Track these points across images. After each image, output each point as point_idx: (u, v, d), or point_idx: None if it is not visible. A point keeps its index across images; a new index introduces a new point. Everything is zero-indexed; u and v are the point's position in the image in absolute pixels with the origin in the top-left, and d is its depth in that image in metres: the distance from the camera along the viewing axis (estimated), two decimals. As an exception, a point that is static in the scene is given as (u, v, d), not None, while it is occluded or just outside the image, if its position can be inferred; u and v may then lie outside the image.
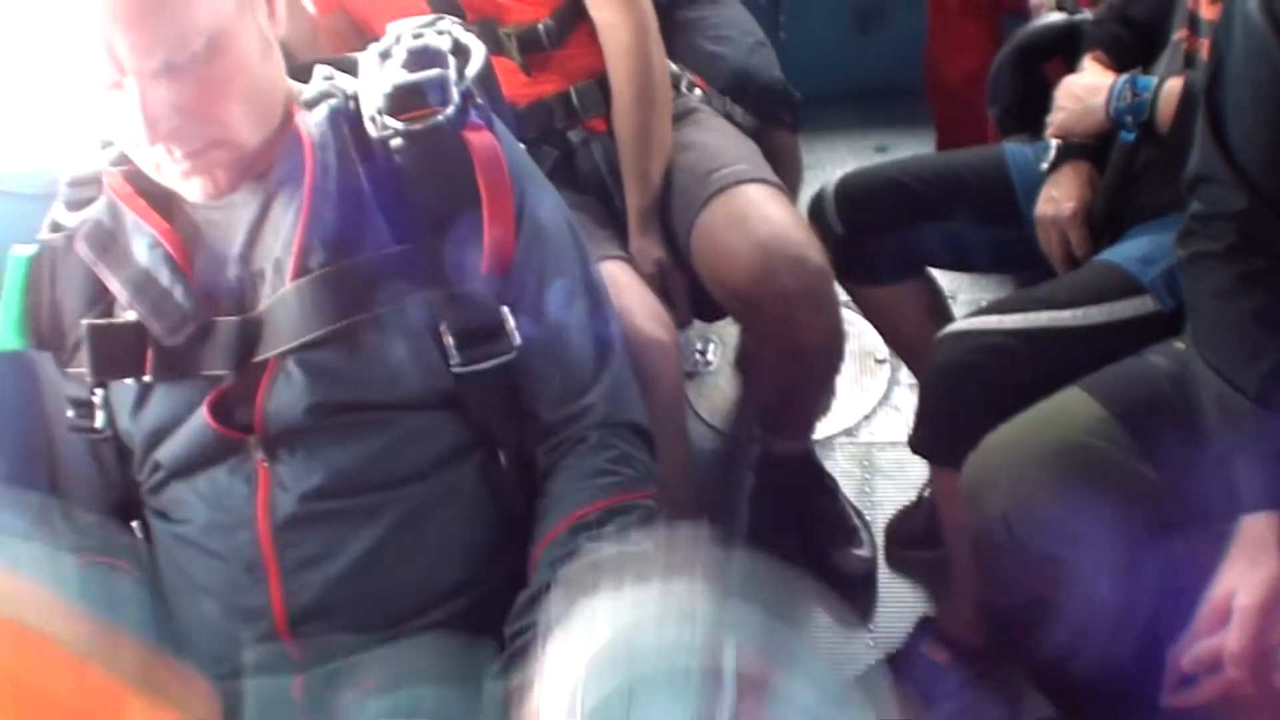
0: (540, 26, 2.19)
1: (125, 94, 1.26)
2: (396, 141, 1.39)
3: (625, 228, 2.25)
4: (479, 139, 1.43)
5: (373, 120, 1.42)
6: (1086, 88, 2.12)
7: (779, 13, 4.08)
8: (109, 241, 1.44)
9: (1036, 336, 1.89)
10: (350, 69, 1.53)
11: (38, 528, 1.45)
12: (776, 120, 2.53)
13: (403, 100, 1.42)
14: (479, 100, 1.48)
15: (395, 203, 1.41)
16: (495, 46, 2.16)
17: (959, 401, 1.94)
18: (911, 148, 3.98)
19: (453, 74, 1.44)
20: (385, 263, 1.38)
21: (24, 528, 1.38)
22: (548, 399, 1.47)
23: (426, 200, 1.41)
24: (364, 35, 2.24)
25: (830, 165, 4.05)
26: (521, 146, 1.63)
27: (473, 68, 1.48)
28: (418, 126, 1.38)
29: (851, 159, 4.13)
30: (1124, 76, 2.06)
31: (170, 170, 1.33)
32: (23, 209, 1.69)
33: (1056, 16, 2.54)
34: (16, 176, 1.82)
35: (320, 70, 1.53)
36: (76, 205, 1.48)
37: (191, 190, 1.35)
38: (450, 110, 1.40)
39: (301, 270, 1.36)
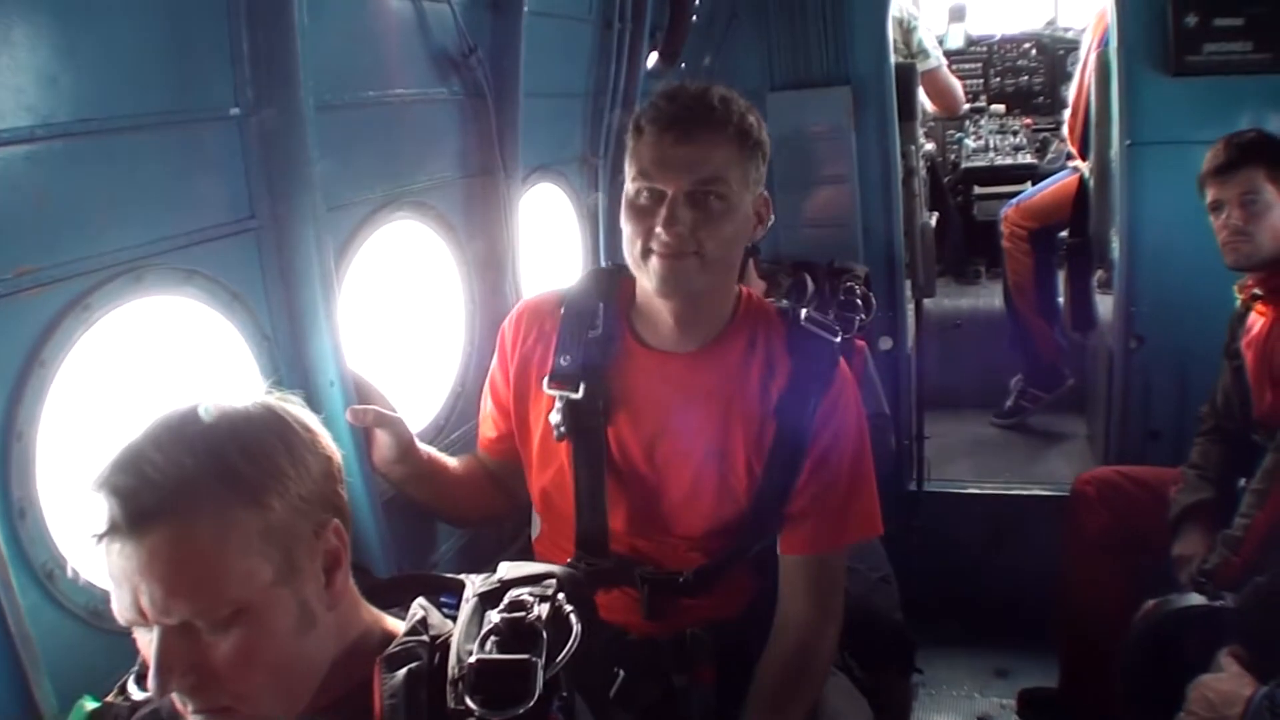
0: (680, 577, 2.16)
1: (149, 635, 1.25)
2: None
3: None
4: None
5: (454, 686, 1.37)
6: (1221, 695, 1.93)
7: (915, 519, 4.05)
8: None
9: None
10: (457, 591, 1.52)
11: None
12: (892, 667, 2.46)
13: (487, 679, 1.37)
14: (564, 692, 1.41)
15: None
16: (627, 581, 2.16)
17: None
18: (1033, 677, 3.80)
19: (542, 659, 1.38)
20: None
21: None
22: None
23: None
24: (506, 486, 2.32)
25: (949, 686, 3.87)
26: None
27: (566, 652, 1.42)
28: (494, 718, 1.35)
29: (970, 680, 3.94)
30: (1264, 689, 1.86)
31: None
32: (113, 646, 1.66)
33: (1196, 598, 2.39)
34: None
35: (417, 609, 1.50)
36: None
37: None
38: (530, 704, 1.35)
39: None
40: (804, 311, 2.18)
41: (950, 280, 6.29)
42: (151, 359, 1.86)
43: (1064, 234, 5.07)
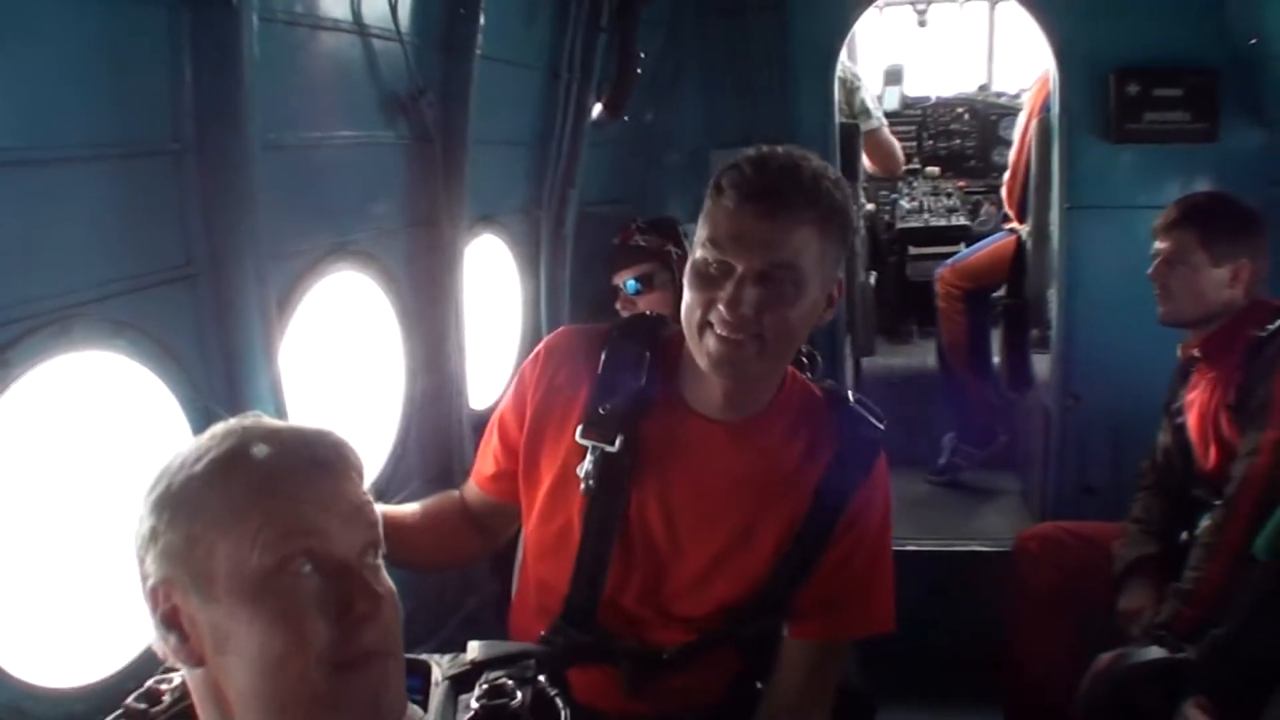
0: (664, 654, 2.03)
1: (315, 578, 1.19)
2: None
3: None
4: None
5: None
6: None
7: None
8: None
9: None
10: (421, 674, 1.43)
11: None
12: None
13: None
14: None
15: None
16: (606, 659, 2.02)
17: None
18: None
19: None
20: None
21: None
22: None
23: None
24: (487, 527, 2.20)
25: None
26: None
27: None
28: None
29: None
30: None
31: None
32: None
33: (1156, 651, 2.36)
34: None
35: None
36: None
37: None
38: None
39: None
40: (851, 394, 2.07)
41: (883, 339, 6.31)
42: (69, 421, 1.70)
43: (998, 294, 5.13)
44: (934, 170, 6.76)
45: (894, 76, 6.74)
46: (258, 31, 1.79)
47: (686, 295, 1.87)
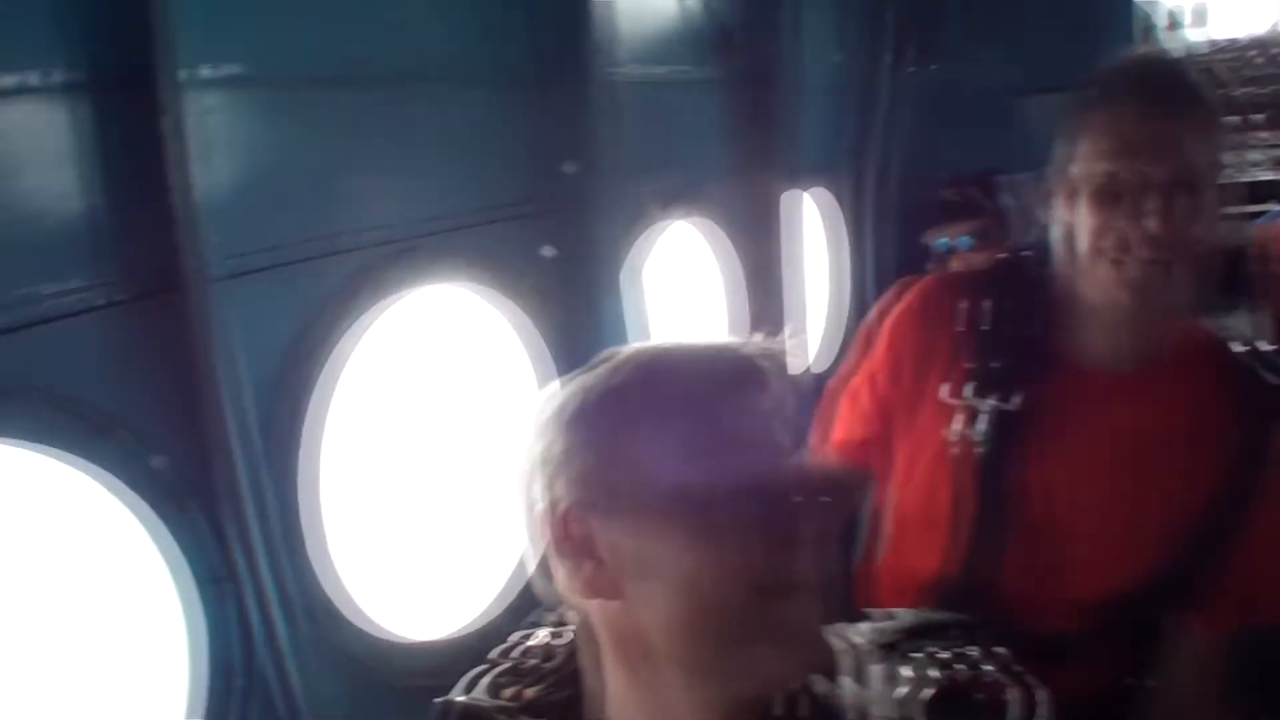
0: (1050, 641, 1.73)
1: None
2: None
3: None
4: None
5: None
6: None
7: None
8: None
9: None
10: None
11: None
12: None
13: None
14: None
15: None
16: (990, 641, 1.77)
17: None
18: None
19: None
20: None
21: None
22: None
23: None
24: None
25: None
26: None
27: None
28: None
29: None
30: None
31: None
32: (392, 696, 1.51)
33: None
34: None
35: None
36: None
37: None
38: None
39: None
40: (1251, 342, 1.78)
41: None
42: (419, 352, 1.65)
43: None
44: (1257, 118, 6.10)
45: (1198, 16, 6.15)
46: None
47: (1087, 219, 1.60)
